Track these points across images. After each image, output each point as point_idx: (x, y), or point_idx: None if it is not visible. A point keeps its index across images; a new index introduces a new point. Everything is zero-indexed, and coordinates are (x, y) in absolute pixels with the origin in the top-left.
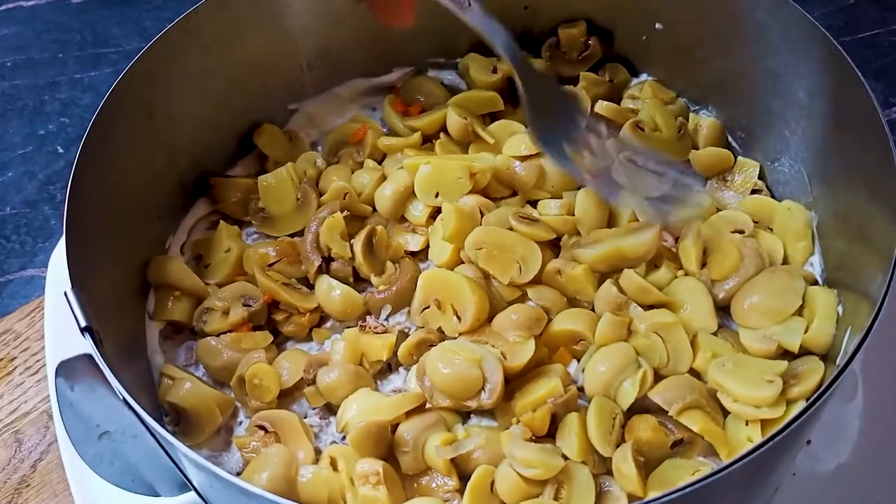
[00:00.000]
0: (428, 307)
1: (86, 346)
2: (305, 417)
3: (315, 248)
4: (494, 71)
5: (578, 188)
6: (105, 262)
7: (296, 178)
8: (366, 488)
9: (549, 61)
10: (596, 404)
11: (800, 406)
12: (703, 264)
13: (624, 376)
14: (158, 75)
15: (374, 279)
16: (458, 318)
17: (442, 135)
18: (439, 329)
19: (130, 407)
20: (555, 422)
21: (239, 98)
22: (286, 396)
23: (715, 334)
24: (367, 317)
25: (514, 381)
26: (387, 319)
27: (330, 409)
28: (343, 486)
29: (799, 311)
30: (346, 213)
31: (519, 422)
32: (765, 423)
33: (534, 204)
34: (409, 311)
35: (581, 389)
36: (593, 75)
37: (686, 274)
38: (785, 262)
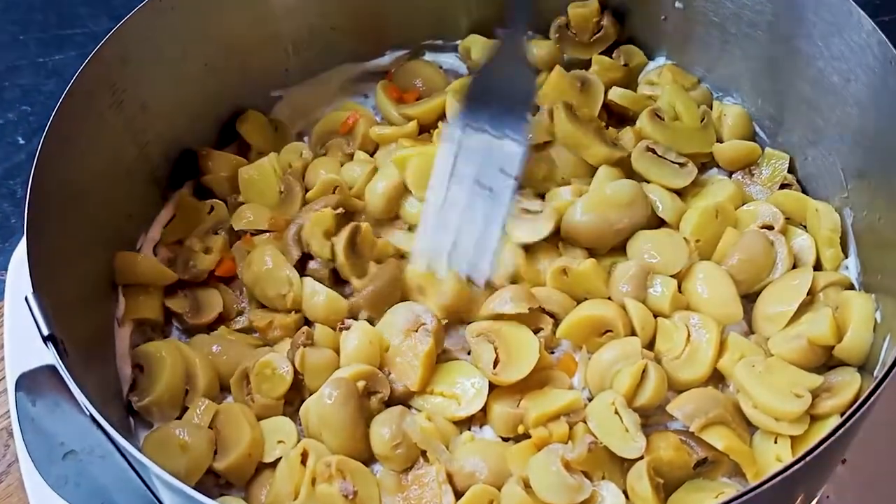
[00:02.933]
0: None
1: (49, 356)
2: None
3: (296, 242)
4: None
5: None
6: (70, 265)
7: (279, 168)
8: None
9: (558, 43)
10: (594, 405)
11: (834, 422)
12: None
13: (620, 366)
14: (129, 59)
15: (354, 282)
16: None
17: (440, 124)
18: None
19: (98, 424)
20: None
21: (216, 84)
22: None
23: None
24: (347, 319)
25: (517, 388)
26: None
27: None
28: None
29: (810, 305)
30: (340, 209)
31: (527, 434)
32: (795, 441)
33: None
34: None
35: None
36: (606, 59)
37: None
38: (817, 267)
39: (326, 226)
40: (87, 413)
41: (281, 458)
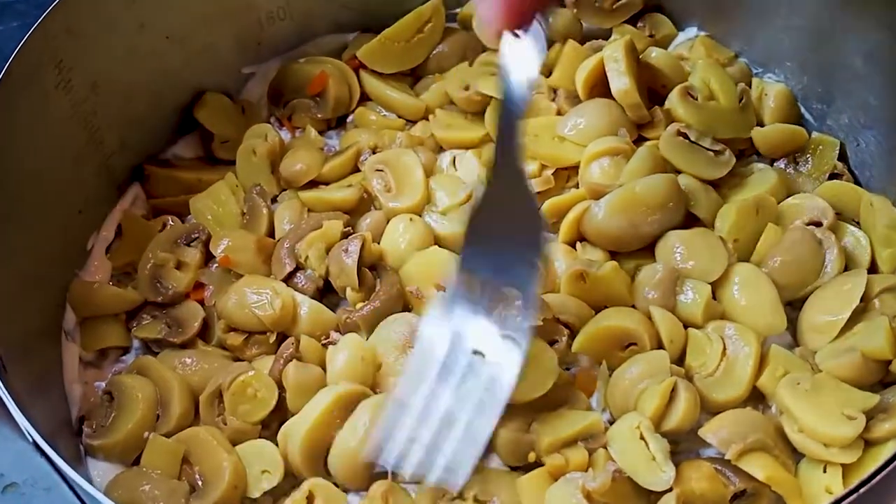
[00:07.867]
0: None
1: None
2: None
3: (290, 254)
4: None
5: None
6: (10, 270)
7: (241, 186)
8: None
9: (576, 9)
10: (615, 429)
11: (891, 448)
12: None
13: (645, 384)
14: (78, 31)
15: (349, 293)
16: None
17: (432, 115)
18: None
19: (43, 452)
20: None
21: (179, 60)
22: None
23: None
24: (333, 332)
25: (527, 409)
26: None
27: None
28: None
29: (864, 313)
30: (348, 228)
31: (538, 462)
32: (847, 469)
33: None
34: None
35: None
36: (630, 28)
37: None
38: (872, 270)
39: (332, 240)
40: (30, 439)
41: (267, 492)
